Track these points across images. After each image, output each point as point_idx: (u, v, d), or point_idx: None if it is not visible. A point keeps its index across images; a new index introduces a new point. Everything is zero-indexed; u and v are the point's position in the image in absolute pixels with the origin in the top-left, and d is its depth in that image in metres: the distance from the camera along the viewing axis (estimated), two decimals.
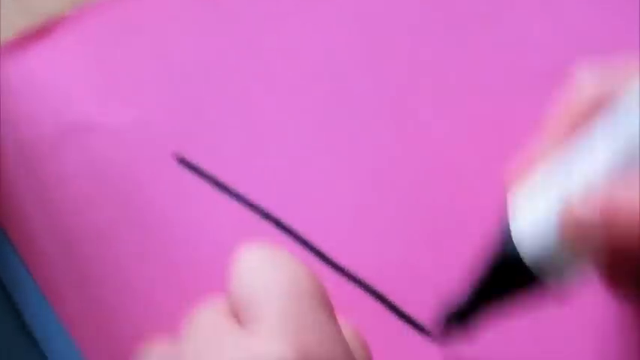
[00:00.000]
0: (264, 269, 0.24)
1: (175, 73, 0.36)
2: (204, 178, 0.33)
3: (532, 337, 0.30)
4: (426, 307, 0.30)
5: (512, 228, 0.26)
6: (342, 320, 0.24)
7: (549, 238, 0.25)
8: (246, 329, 0.22)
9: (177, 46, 0.36)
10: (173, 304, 0.27)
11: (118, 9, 0.37)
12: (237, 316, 0.23)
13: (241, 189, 0.33)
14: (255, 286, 0.23)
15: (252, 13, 0.37)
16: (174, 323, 0.24)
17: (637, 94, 0.23)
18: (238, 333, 0.22)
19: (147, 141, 0.34)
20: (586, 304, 0.30)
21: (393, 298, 0.31)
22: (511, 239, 0.25)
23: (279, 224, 0.32)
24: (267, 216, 0.32)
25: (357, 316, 0.28)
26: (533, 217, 0.25)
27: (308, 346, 0.21)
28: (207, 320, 0.23)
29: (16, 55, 0.36)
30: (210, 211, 0.32)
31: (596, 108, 0.25)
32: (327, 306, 0.23)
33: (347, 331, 0.24)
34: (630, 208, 0.22)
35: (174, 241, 0.32)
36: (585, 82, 0.27)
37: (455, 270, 0.29)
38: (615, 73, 0.26)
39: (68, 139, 0.34)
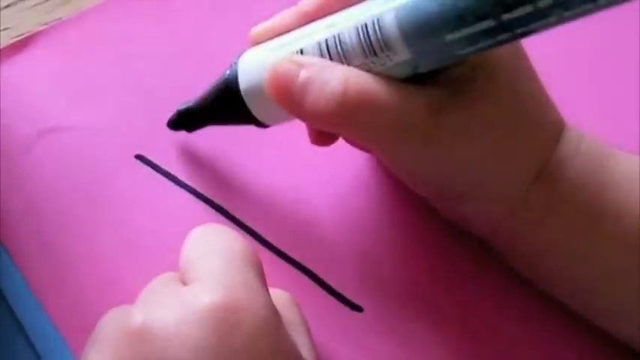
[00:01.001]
0: (203, 240, 0.27)
1: (137, 81, 0.38)
2: (161, 173, 0.35)
3: None
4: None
5: (239, 66, 0.30)
6: (274, 285, 0.27)
7: (258, 79, 0.29)
8: (188, 286, 0.25)
9: (139, 57, 0.38)
10: (135, 281, 0.29)
11: (84, 25, 0.40)
12: (183, 280, 0.26)
13: (192, 181, 0.35)
14: (195, 253, 0.26)
15: (203, 26, 0.40)
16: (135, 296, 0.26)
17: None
18: (179, 288, 0.25)
19: (111, 141, 0.36)
20: None
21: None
22: (235, 72, 0.29)
23: (222, 211, 0.34)
24: (213, 204, 0.34)
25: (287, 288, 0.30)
26: (256, 61, 0.29)
27: (235, 295, 0.23)
28: (157, 284, 0.26)
29: None
30: (165, 201, 0.34)
31: None
32: (256, 268, 0.26)
33: (277, 293, 0.27)
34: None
35: (135, 227, 0.33)
36: None
37: None
38: None
39: (42, 140, 0.36)
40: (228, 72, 0.30)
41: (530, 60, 0.30)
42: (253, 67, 0.29)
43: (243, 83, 0.29)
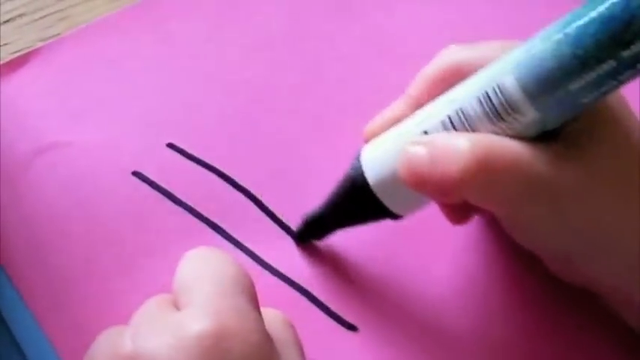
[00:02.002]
0: (196, 263, 0.27)
1: (134, 98, 0.38)
2: (158, 190, 0.35)
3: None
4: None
5: (362, 161, 0.30)
6: (267, 305, 0.27)
7: (386, 170, 0.29)
8: (179, 311, 0.25)
9: (136, 74, 0.39)
10: (132, 299, 0.29)
11: (82, 42, 0.40)
12: (177, 304, 0.26)
13: (187, 198, 0.35)
14: (188, 277, 0.26)
15: (199, 44, 0.40)
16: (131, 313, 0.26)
17: (480, 71, 0.27)
18: (171, 313, 0.25)
19: (109, 157, 0.36)
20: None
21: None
22: (359, 169, 0.29)
23: (222, 232, 0.34)
24: (213, 225, 0.34)
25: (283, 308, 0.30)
26: (380, 154, 0.29)
27: (225, 321, 0.23)
28: (150, 306, 0.26)
29: None
30: (162, 217, 0.34)
31: (455, 76, 0.29)
32: (249, 293, 0.26)
33: (270, 314, 0.27)
34: (453, 151, 0.26)
35: (132, 244, 0.34)
36: (446, 53, 0.30)
37: None
38: (476, 48, 0.29)
39: (40, 157, 0.36)
40: (351, 171, 0.30)
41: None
42: (378, 160, 0.29)
43: (372, 178, 0.29)
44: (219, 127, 0.38)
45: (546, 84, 0.25)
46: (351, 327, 0.32)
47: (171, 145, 0.36)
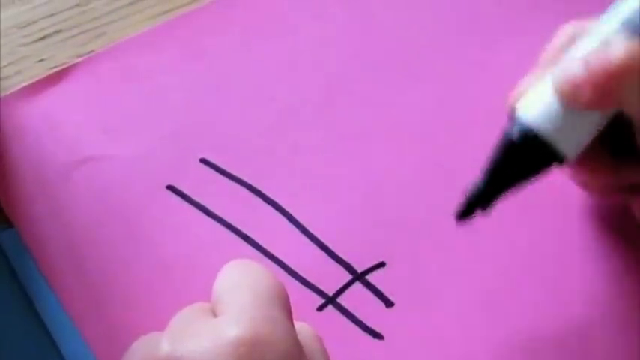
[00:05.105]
0: (235, 274, 0.28)
1: (169, 113, 0.39)
2: (191, 204, 0.36)
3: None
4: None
5: (519, 115, 0.31)
6: (294, 312, 0.28)
7: (552, 105, 0.30)
8: (215, 317, 0.26)
9: (171, 89, 0.40)
10: (167, 306, 0.29)
11: (117, 58, 0.41)
12: (214, 312, 0.27)
13: (219, 211, 0.36)
14: (226, 286, 0.27)
15: (234, 59, 0.41)
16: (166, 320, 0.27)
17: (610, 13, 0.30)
18: (207, 320, 0.26)
19: (144, 171, 0.37)
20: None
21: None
22: (522, 123, 0.31)
23: (254, 243, 0.35)
24: (245, 237, 0.35)
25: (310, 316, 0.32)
26: (537, 97, 0.31)
27: (259, 329, 0.24)
28: (187, 314, 0.27)
29: (35, 97, 0.39)
30: (195, 230, 0.35)
31: (573, 41, 0.32)
32: (283, 304, 0.26)
33: (302, 327, 0.28)
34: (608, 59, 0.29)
35: (167, 254, 0.35)
36: (564, 28, 0.33)
37: None
38: (587, 21, 0.32)
39: (77, 169, 0.37)
40: (512, 129, 0.31)
41: None
42: (533, 105, 0.31)
43: (534, 121, 0.30)
44: (251, 142, 0.38)
45: None
46: (377, 335, 0.33)
47: (204, 161, 0.37)
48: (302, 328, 0.28)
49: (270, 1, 0.44)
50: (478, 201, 0.31)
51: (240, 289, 0.27)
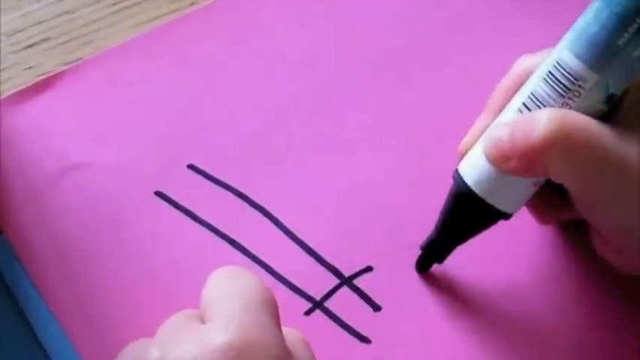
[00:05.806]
0: (224, 281, 0.28)
1: (157, 119, 0.39)
2: (180, 210, 0.36)
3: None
4: None
5: (461, 173, 0.32)
6: (287, 325, 0.28)
7: (487, 167, 0.31)
8: (204, 325, 0.26)
9: (158, 96, 0.40)
10: (156, 313, 0.29)
11: (105, 65, 0.41)
12: (203, 319, 0.27)
13: (207, 216, 0.36)
14: (215, 293, 0.27)
15: (220, 67, 0.41)
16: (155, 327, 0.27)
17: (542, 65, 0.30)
18: (196, 326, 0.26)
19: (132, 177, 0.37)
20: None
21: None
22: (461, 180, 0.31)
23: (242, 249, 0.35)
24: (232, 242, 0.35)
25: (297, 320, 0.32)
26: (473, 160, 0.31)
27: (248, 335, 0.24)
28: (176, 319, 0.27)
29: (23, 105, 0.39)
30: (184, 236, 0.36)
31: (525, 76, 0.31)
32: (271, 310, 0.27)
33: (290, 333, 0.28)
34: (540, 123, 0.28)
35: (156, 261, 0.35)
36: (517, 64, 0.33)
37: None
38: (542, 54, 0.32)
39: (66, 176, 0.37)
40: (454, 187, 0.32)
41: None
42: (473, 165, 0.31)
43: (472, 182, 0.31)
44: (238, 147, 0.39)
45: (596, 47, 0.28)
46: (364, 339, 0.33)
47: (192, 167, 0.38)
48: (290, 333, 0.28)
49: (257, 8, 0.44)
50: (434, 253, 0.34)
51: (228, 295, 0.27)
